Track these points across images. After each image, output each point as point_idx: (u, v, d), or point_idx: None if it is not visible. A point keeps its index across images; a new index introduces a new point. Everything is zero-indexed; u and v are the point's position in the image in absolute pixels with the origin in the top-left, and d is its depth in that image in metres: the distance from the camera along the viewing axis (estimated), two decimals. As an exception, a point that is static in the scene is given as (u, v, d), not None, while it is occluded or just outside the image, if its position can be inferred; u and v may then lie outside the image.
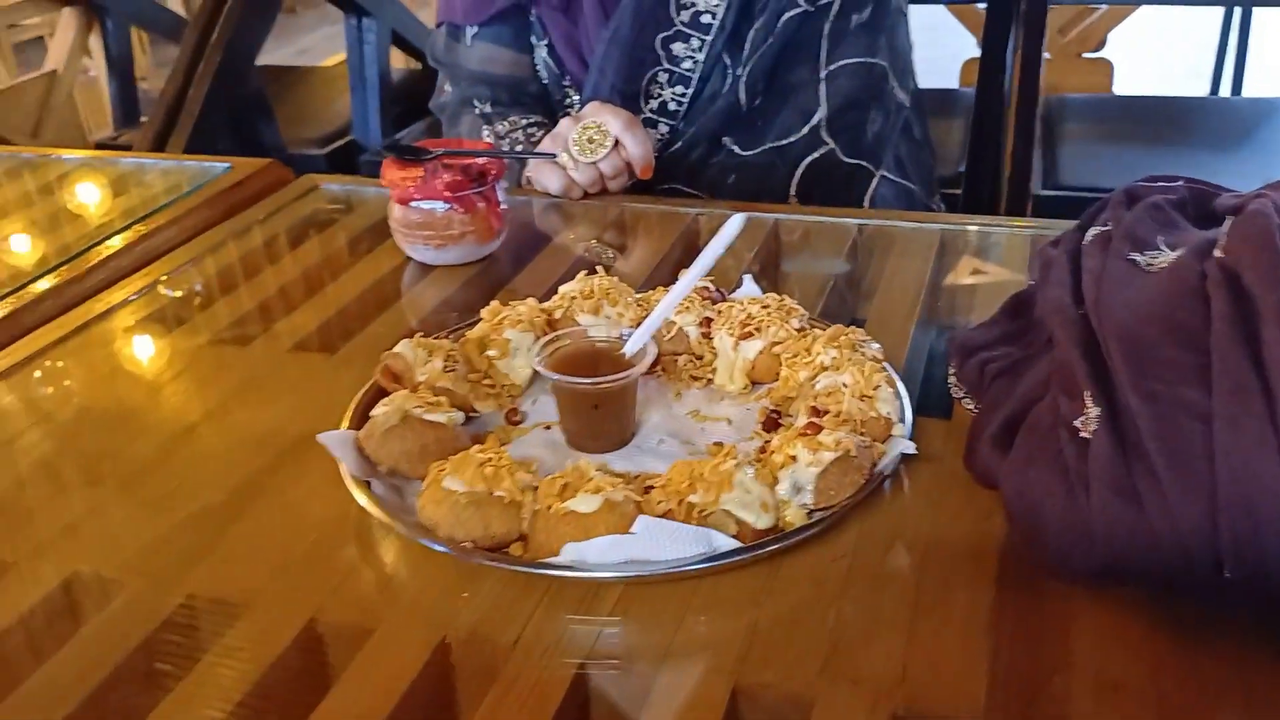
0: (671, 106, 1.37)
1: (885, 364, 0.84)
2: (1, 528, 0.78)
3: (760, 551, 0.69)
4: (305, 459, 0.81)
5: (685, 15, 1.34)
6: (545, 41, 1.43)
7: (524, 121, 1.41)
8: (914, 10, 1.44)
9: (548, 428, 0.84)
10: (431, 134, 2.67)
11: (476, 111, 1.44)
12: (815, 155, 1.35)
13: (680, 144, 1.37)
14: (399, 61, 2.81)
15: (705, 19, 1.33)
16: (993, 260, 1.10)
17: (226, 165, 1.33)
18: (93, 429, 0.90)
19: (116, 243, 1.18)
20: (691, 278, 0.83)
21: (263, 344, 1.00)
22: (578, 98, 1.42)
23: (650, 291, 0.95)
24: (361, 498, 0.74)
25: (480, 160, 1.12)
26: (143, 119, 2.69)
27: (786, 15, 1.32)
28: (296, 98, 2.73)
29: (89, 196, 1.42)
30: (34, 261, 1.19)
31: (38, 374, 0.98)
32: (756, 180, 1.35)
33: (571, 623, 0.66)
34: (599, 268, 0.96)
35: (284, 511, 0.77)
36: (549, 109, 1.45)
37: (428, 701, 0.63)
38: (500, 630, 0.66)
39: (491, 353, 0.88)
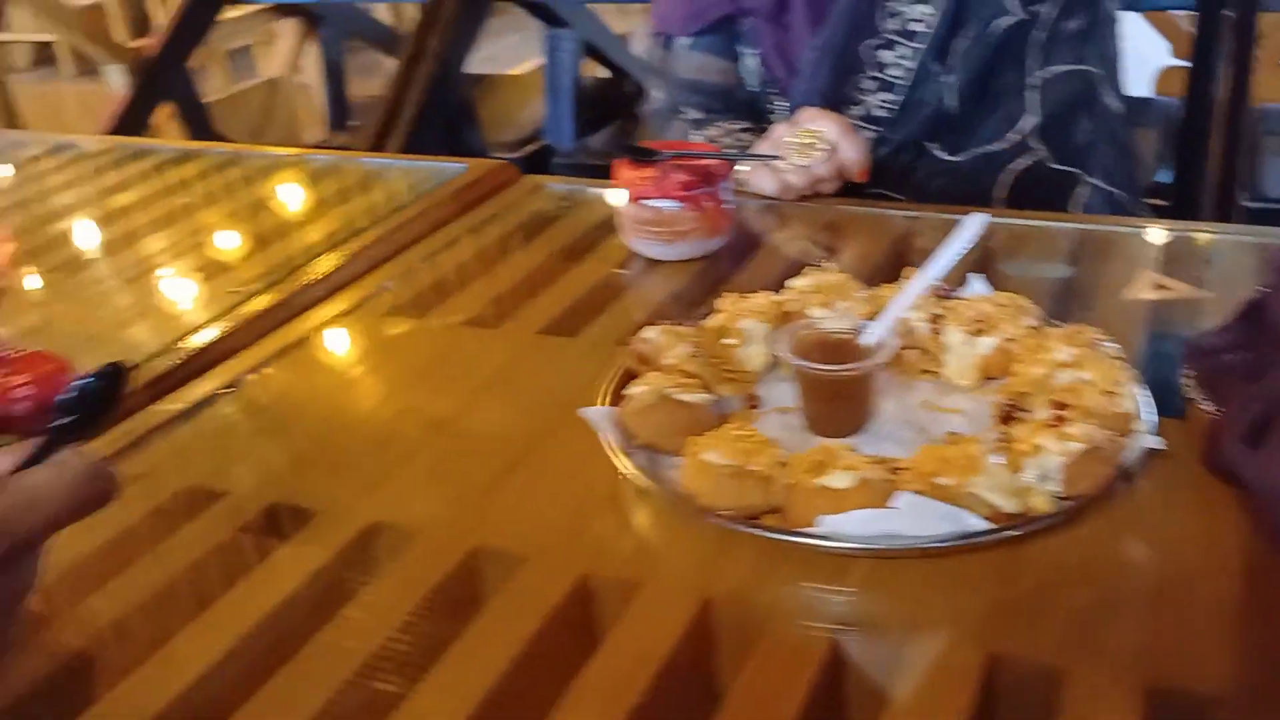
0: (877, 113, 1.40)
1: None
2: (299, 487, 0.86)
3: (1010, 534, 0.71)
4: (557, 435, 0.87)
5: (894, 24, 1.37)
6: (756, 51, 1.47)
7: (735, 128, 1.46)
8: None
9: (784, 412, 0.89)
10: (619, 139, 2.75)
11: (688, 117, 1.49)
12: (1023, 161, 1.36)
13: (886, 149, 1.40)
14: (589, 70, 2.90)
15: (914, 27, 1.36)
16: (1215, 267, 1.10)
17: (463, 165, 1.41)
18: (355, 409, 0.97)
19: (367, 236, 1.26)
20: (934, 272, 0.86)
21: (509, 330, 1.07)
22: (784, 104, 1.46)
23: (875, 289, 0.98)
24: (628, 466, 0.80)
25: (708, 162, 1.18)
26: (351, 123, 2.85)
27: (997, 23, 1.34)
28: (491, 103, 2.85)
29: (341, 193, 1.50)
30: (293, 253, 1.27)
31: (308, 355, 1.06)
32: (963, 185, 1.37)
33: (823, 591, 0.70)
34: (829, 263, 1.01)
35: (545, 482, 0.83)
36: (756, 115, 1.50)
37: (693, 657, 0.68)
38: (756, 595, 0.70)
39: (730, 341, 0.93)
